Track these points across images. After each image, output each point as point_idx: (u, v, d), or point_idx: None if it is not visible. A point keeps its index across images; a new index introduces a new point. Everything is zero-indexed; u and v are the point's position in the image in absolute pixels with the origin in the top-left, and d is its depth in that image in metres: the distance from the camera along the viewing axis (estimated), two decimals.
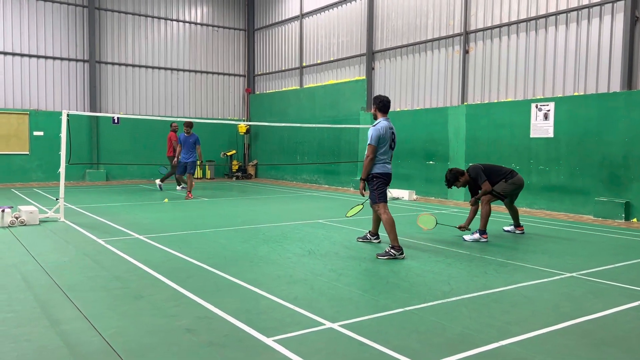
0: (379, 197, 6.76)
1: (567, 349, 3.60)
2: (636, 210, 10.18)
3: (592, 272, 5.84)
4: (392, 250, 6.39)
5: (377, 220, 7.30)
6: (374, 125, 6.76)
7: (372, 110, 6.98)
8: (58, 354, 3.40)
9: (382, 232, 7.54)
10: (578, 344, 3.71)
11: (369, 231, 7.48)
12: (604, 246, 7.62)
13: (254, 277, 5.38)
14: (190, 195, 12.99)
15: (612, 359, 3.46)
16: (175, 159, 13.63)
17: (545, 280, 5.47)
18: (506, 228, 8.77)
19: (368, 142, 6.64)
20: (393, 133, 6.83)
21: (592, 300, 4.77)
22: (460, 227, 8.06)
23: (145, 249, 6.78)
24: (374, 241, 7.37)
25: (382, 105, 6.85)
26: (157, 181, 15.33)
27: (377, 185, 6.73)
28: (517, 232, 8.56)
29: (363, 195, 6.99)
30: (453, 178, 8.08)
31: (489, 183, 8.05)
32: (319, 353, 3.45)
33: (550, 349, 3.58)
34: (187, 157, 13.27)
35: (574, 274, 5.71)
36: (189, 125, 13.24)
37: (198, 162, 13.67)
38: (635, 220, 10.12)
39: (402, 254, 6.39)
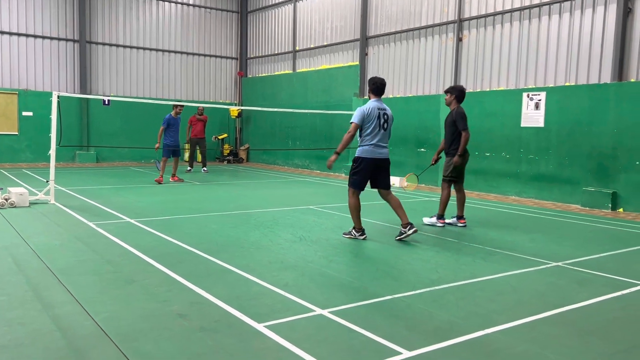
0: (352, 182, 6.71)
1: (550, 337, 3.70)
2: (623, 200, 10.33)
3: (578, 261, 5.95)
4: (353, 231, 6.75)
5: (398, 209, 6.73)
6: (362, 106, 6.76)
7: (367, 93, 6.91)
8: (51, 338, 3.44)
9: (413, 220, 7.55)
10: (562, 332, 3.81)
11: (401, 225, 6.72)
12: (590, 236, 7.75)
13: (245, 262, 5.43)
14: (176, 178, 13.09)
15: (594, 348, 3.55)
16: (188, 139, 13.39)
17: (532, 269, 5.57)
18: (448, 220, 7.99)
19: (350, 120, 6.63)
20: (385, 114, 6.67)
21: (576, 290, 4.87)
22: (432, 163, 8.51)
23: (137, 233, 6.80)
24: (409, 232, 6.58)
25: (374, 87, 6.75)
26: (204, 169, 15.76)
27: (355, 169, 6.68)
28: (459, 224, 7.91)
29: (330, 168, 6.90)
30: (448, 89, 8.09)
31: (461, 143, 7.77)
32: (309, 339, 3.52)
33: (535, 338, 3.67)
34: (176, 140, 13.14)
35: (559, 264, 5.82)
36: (182, 106, 13.10)
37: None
38: (621, 210, 10.27)
39: (362, 234, 6.68)
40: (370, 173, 6.71)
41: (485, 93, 12.87)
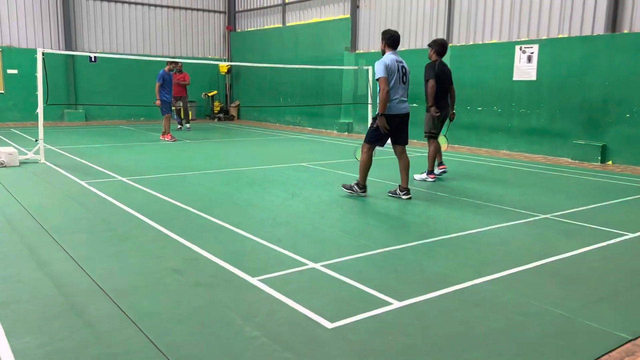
0: (369, 137, 6.58)
1: (536, 287, 3.81)
2: (612, 153, 10.43)
3: (566, 213, 6.06)
4: (355, 187, 6.65)
5: (405, 170, 6.64)
6: (382, 59, 6.38)
7: (381, 46, 6.60)
8: (48, 295, 3.50)
9: (412, 186, 7.53)
10: (547, 282, 3.92)
11: (399, 185, 6.75)
12: (579, 188, 7.86)
13: (239, 219, 5.48)
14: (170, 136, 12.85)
15: (577, 295, 3.67)
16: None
17: (520, 221, 5.67)
18: (417, 176, 8.05)
19: (376, 77, 6.24)
20: (404, 67, 6.47)
21: (563, 241, 4.98)
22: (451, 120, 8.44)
23: (129, 191, 6.81)
24: (403, 197, 6.57)
25: (391, 40, 6.48)
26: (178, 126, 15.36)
27: (376, 125, 6.43)
28: (429, 179, 7.95)
29: (387, 129, 6.35)
30: (429, 43, 8.22)
31: (436, 96, 7.81)
32: (302, 292, 3.60)
33: (520, 287, 3.79)
34: (171, 96, 12.97)
35: (548, 216, 5.93)
36: (176, 63, 12.86)
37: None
38: (610, 162, 10.38)
39: (364, 191, 6.62)
40: (393, 129, 6.44)
41: (477, 46, 12.72)
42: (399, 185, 6.73)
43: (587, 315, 3.34)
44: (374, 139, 6.57)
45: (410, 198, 6.59)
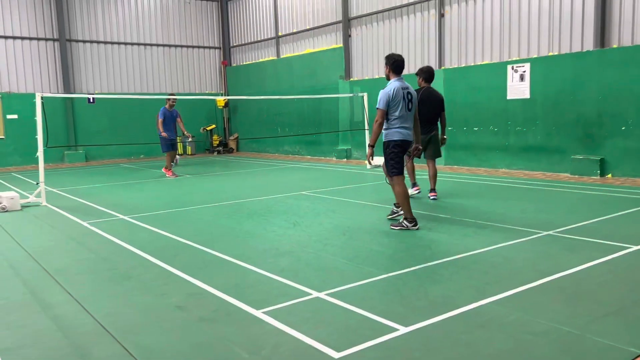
0: (391, 169, 6.28)
1: (542, 304, 3.78)
2: (610, 166, 10.45)
3: (568, 229, 6.04)
4: (405, 222, 6.22)
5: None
6: (385, 88, 6.30)
7: (385, 71, 6.45)
8: (53, 337, 3.48)
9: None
10: (553, 299, 3.90)
11: (394, 203, 6.84)
12: (580, 203, 7.86)
13: (241, 251, 5.48)
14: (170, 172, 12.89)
15: (584, 311, 3.65)
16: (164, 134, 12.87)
17: (523, 239, 5.66)
18: (411, 192, 8.28)
19: (377, 106, 6.22)
20: (409, 93, 6.29)
21: (567, 257, 4.96)
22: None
23: (131, 229, 6.82)
24: (402, 212, 6.55)
25: (395, 65, 6.34)
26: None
27: (390, 154, 6.25)
28: (414, 192, 8.43)
29: (370, 162, 6.43)
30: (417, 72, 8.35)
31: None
32: (307, 322, 3.58)
33: (527, 306, 3.76)
34: (173, 132, 12.85)
35: (550, 232, 5.92)
36: (175, 99, 12.80)
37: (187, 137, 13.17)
38: (609, 176, 10.40)
39: (415, 225, 6.18)
40: (401, 153, 6.29)
41: (470, 68, 12.89)
42: (395, 204, 6.81)
43: (595, 331, 3.31)
44: (396, 168, 6.27)
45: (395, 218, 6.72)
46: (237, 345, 3.27)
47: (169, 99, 12.81)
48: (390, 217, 6.81)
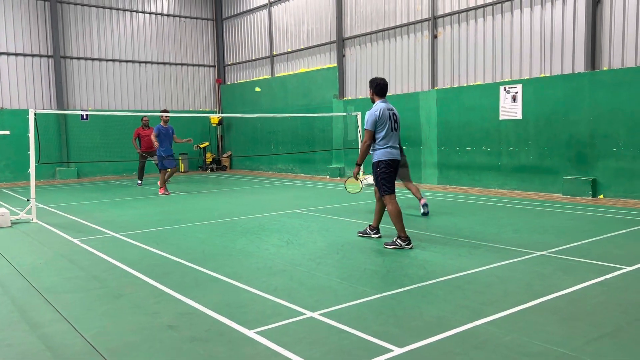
0: (383, 188, 6.36)
1: (538, 325, 3.76)
2: (602, 187, 10.52)
3: (562, 249, 6.05)
4: (398, 240, 6.26)
5: (380, 213, 6.83)
6: (372, 109, 6.45)
7: (370, 95, 6.63)
8: (41, 357, 3.41)
9: (385, 224, 7.41)
10: (548, 320, 3.87)
11: (369, 225, 7.01)
12: (572, 224, 7.88)
13: (233, 270, 5.43)
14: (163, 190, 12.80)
15: (579, 332, 3.62)
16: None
17: (517, 259, 5.65)
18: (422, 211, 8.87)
19: (364, 127, 6.40)
20: (394, 114, 6.47)
21: (561, 277, 4.95)
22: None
23: (122, 247, 6.75)
24: (374, 236, 6.87)
25: (378, 88, 6.49)
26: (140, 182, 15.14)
27: (380, 174, 6.35)
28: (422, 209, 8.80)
29: (356, 179, 6.79)
30: None
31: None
32: (300, 342, 3.53)
33: (522, 327, 3.73)
34: (169, 149, 12.78)
35: (544, 253, 5.91)
36: (168, 115, 12.81)
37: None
38: (602, 196, 10.46)
39: (409, 244, 6.24)
40: (393, 173, 6.41)
41: (462, 88, 13.01)
42: (369, 225, 7.00)
43: (591, 353, 3.29)
44: (388, 187, 6.36)
45: (380, 237, 6.85)
46: None
47: (162, 116, 12.79)
48: (360, 234, 7.04)
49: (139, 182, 15.22)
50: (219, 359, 3.31)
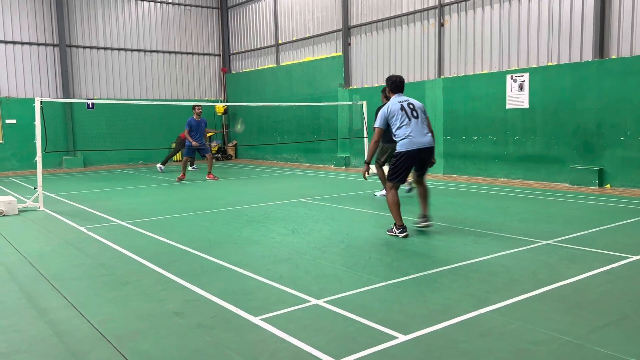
0: (391, 175, 6.31)
1: (543, 314, 3.76)
2: (609, 176, 10.46)
3: (568, 238, 6.03)
4: (394, 228, 6.30)
5: (423, 197, 6.56)
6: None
7: (387, 93, 6.53)
8: (48, 343, 3.44)
9: (434, 212, 7.17)
10: (553, 308, 3.87)
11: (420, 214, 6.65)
12: (579, 213, 7.85)
13: (239, 258, 5.45)
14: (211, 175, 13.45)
15: (585, 321, 3.62)
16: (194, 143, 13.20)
17: (523, 248, 5.64)
18: (376, 193, 9.66)
19: (374, 125, 6.42)
20: (411, 104, 6.26)
21: (567, 266, 4.94)
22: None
23: (128, 235, 6.78)
24: (423, 225, 6.51)
25: (393, 86, 6.40)
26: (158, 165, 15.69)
27: (393, 164, 6.32)
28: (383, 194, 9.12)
29: (365, 179, 6.75)
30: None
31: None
32: (305, 329, 3.55)
33: (527, 315, 3.73)
34: (202, 141, 13.44)
35: (550, 242, 5.90)
36: (201, 107, 13.58)
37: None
38: (608, 186, 10.40)
39: (402, 232, 6.19)
40: (413, 164, 6.32)
41: (469, 77, 12.92)
42: (420, 215, 6.56)
43: (596, 341, 3.29)
44: (394, 176, 6.27)
45: (428, 225, 6.49)
46: (234, 351, 3.24)
47: (195, 108, 13.36)
48: (416, 225, 6.57)
49: (195, 167, 15.82)
50: (225, 345, 3.34)
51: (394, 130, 6.29)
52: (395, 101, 6.33)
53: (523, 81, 11.77)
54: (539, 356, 3.11)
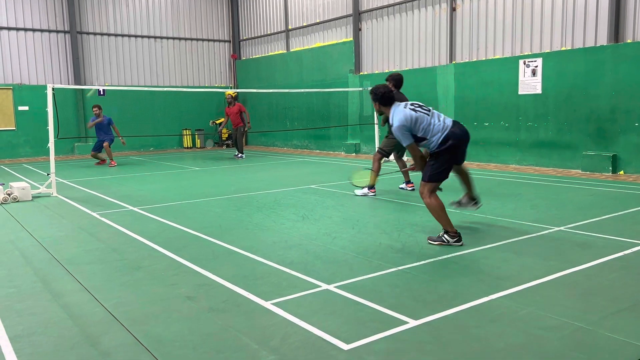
0: (435, 175, 5.37)
1: (554, 300, 3.75)
2: (623, 162, 10.34)
3: (580, 225, 5.99)
4: (445, 236, 5.29)
5: (465, 179, 6.02)
6: (393, 122, 5.41)
7: (376, 107, 5.72)
8: (63, 326, 3.50)
9: (445, 199, 7.08)
10: (565, 294, 3.86)
11: (466, 193, 6.10)
12: (591, 200, 7.78)
13: (250, 244, 5.48)
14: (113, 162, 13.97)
15: (597, 307, 3.61)
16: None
17: (534, 235, 5.61)
18: (401, 186, 8.90)
19: (404, 145, 5.44)
20: (412, 104, 5.50)
21: (579, 253, 4.91)
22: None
23: (140, 221, 6.84)
24: (474, 207, 6.12)
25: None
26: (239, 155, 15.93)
27: (437, 161, 5.39)
28: (407, 188, 8.68)
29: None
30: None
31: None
32: (316, 314, 3.57)
33: (539, 301, 3.72)
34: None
35: (562, 228, 5.86)
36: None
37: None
38: (622, 172, 10.29)
39: (458, 240, 5.25)
40: (452, 159, 5.45)
41: (481, 62, 12.78)
42: (466, 194, 6.10)
43: (608, 327, 3.27)
44: (434, 174, 5.38)
45: (478, 207, 6.17)
46: (246, 335, 3.27)
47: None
48: (456, 205, 6.18)
49: (241, 155, 15.85)
50: (237, 329, 3.37)
51: (428, 137, 5.32)
52: (401, 110, 5.40)
53: (536, 66, 11.62)
54: (550, 342, 3.10)
